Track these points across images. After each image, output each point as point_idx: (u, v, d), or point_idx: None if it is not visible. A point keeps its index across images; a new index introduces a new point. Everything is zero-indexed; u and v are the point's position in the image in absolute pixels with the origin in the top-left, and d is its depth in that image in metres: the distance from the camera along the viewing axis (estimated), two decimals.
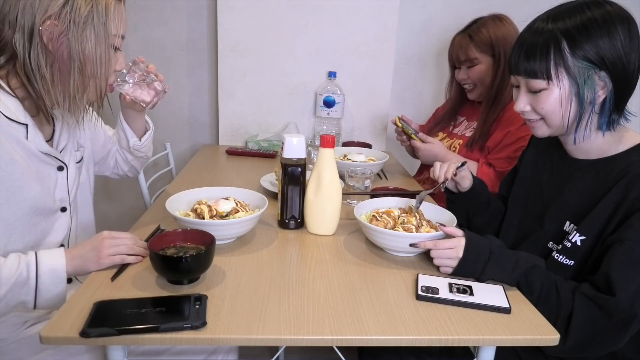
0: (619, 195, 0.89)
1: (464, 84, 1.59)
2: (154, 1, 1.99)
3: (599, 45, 0.87)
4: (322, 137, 1.07)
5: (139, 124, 1.25)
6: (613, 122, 0.93)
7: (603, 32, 0.87)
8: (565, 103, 0.92)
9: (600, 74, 0.89)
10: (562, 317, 0.85)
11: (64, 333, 0.69)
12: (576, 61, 0.89)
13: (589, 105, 0.91)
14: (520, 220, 1.10)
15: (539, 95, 0.94)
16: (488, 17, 1.51)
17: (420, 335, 0.74)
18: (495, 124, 1.51)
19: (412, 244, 0.95)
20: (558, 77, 0.91)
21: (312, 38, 1.94)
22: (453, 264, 0.91)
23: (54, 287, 0.87)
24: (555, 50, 0.89)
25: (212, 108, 2.15)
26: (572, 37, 0.89)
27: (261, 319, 0.76)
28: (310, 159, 1.69)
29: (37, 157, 0.95)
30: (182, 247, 0.90)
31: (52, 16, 0.88)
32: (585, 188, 0.96)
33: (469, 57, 1.51)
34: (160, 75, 1.15)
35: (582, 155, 0.99)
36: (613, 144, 0.95)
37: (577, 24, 0.89)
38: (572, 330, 0.84)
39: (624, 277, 0.82)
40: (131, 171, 1.36)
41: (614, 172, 0.92)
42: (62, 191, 1.03)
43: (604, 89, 0.90)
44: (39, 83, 0.90)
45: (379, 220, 1.03)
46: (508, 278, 0.88)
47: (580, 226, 0.93)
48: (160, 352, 1.02)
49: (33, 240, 0.96)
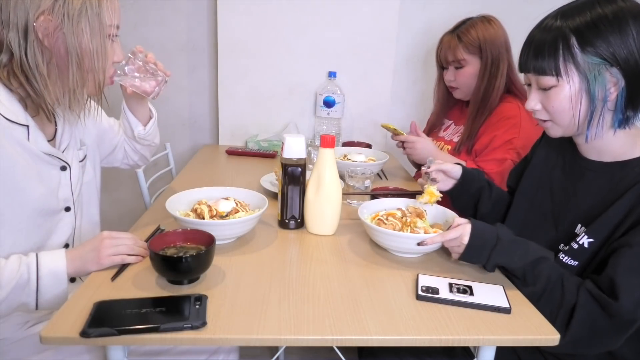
0: (631, 201, 0.88)
1: (449, 85, 1.59)
2: (154, 1, 1.99)
3: (610, 41, 0.86)
4: (322, 137, 1.07)
5: (142, 113, 1.24)
6: (628, 120, 0.91)
7: (614, 28, 0.86)
8: (576, 100, 0.91)
9: (611, 71, 0.87)
10: (564, 310, 0.85)
11: (64, 333, 0.69)
12: (586, 57, 0.88)
13: (600, 102, 0.90)
14: (525, 215, 1.09)
15: (549, 93, 0.93)
16: (477, 18, 1.51)
17: (421, 335, 0.74)
18: (482, 128, 1.50)
19: (420, 243, 0.95)
20: (568, 74, 0.89)
21: (312, 38, 1.94)
22: (460, 250, 0.92)
23: (55, 288, 0.87)
24: (564, 47, 0.88)
25: (212, 108, 2.15)
26: (581, 33, 0.87)
27: (261, 319, 0.76)
28: (310, 159, 1.69)
29: (39, 158, 0.95)
30: (182, 247, 0.90)
31: (45, 11, 0.87)
32: (598, 191, 0.95)
33: (456, 58, 1.50)
34: (160, 63, 1.14)
35: (594, 155, 0.98)
36: (629, 147, 0.93)
37: (587, 20, 0.88)
38: (572, 325, 0.83)
39: (629, 282, 0.81)
40: (141, 160, 1.36)
41: (628, 178, 0.91)
42: (66, 191, 1.03)
43: (615, 86, 0.89)
44: (38, 81, 0.90)
45: (387, 223, 1.03)
46: (514, 264, 0.88)
47: (590, 229, 0.92)
48: (162, 353, 1.02)
49: (38, 241, 0.96)
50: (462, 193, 1.19)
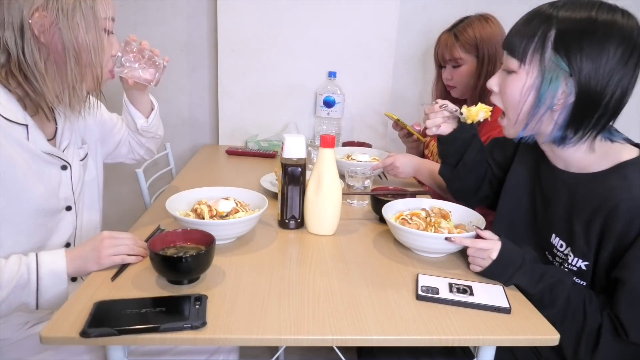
0: (601, 226, 0.86)
1: (446, 83, 1.59)
2: (154, 1, 1.99)
3: (583, 52, 0.81)
4: (322, 137, 1.07)
5: (144, 104, 1.24)
6: (564, 140, 0.87)
7: (595, 40, 0.81)
8: (524, 94, 0.87)
9: (568, 81, 0.83)
10: (588, 332, 0.84)
11: (64, 333, 0.69)
12: (553, 55, 0.83)
13: (545, 107, 0.86)
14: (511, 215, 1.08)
15: (508, 78, 0.90)
16: (475, 16, 1.50)
17: (420, 335, 0.74)
18: (478, 127, 1.50)
19: (448, 238, 0.95)
20: (531, 64, 0.86)
21: (312, 38, 1.94)
22: (485, 263, 0.91)
23: (55, 288, 0.87)
24: (540, 35, 0.84)
25: (212, 108, 2.15)
26: (562, 29, 0.83)
27: (261, 319, 0.76)
28: (310, 159, 1.69)
29: (39, 157, 0.95)
30: (182, 247, 0.90)
31: (39, 8, 0.87)
32: (567, 200, 0.93)
33: (453, 56, 1.50)
34: (156, 49, 1.14)
35: (561, 165, 0.95)
36: (593, 160, 0.89)
37: (575, 19, 0.83)
38: (601, 347, 0.83)
39: (633, 317, 0.81)
40: (147, 154, 1.37)
41: (592, 194, 0.88)
42: (67, 190, 1.03)
43: (563, 98, 0.84)
44: (37, 79, 0.90)
45: (411, 223, 1.04)
46: (533, 289, 0.87)
47: (576, 252, 0.90)
48: (162, 353, 1.02)
49: (39, 240, 0.96)
50: (456, 138, 1.16)
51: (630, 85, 0.83)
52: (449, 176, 1.23)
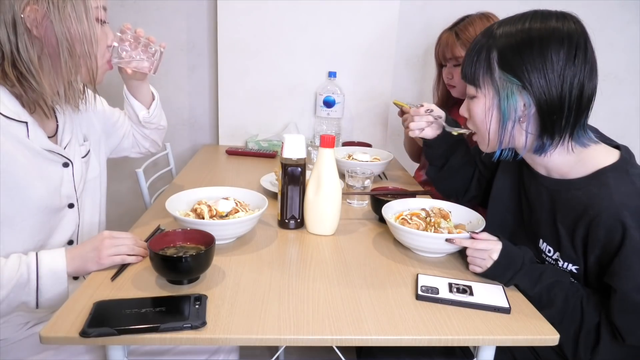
0: (585, 232, 0.86)
1: (447, 82, 1.59)
2: (154, 1, 1.99)
3: (527, 64, 0.83)
4: (322, 137, 1.07)
5: (144, 94, 1.24)
6: (544, 147, 0.89)
7: (534, 50, 0.83)
8: (487, 114, 0.91)
9: (523, 93, 0.86)
10: (586, 330, 0.84)
11: (63, 333, 0.69)
12: (501, 73, 0.87)
13: (511, 121, 0.88)
14: (502, 219, 1.09)
15: (472, 102, 0.94)
16: (476, 15, 1.50)
17: (420, 335, 0.74)
18: None
19: (449, 240, 0.95)
20: (485, 86, 0.90)
21: (312, 38, 1.94)
22: (486, 264, 0.90)
23: (55, 287, 0.87)
24: (484, 58, 0.88)
25: (212, 108, 2.15)
26: (501, 48, 0.86)
27: (261, 319, 0.76)
28: (310, 159, 1.69)
29: (40, 155, 0.95)
30: (182, 247, 0.90)
31: (30, 2, 0.87)
32: (550, 206, 0.94)
33: (454, 55, 1.50)
34: (152, 37, 1.14)
35: (543, 171, 0.96)
36: (572, 166, 0.90)
37: (511, 34, 0.86)
38: (601, 347, 0.83)
39: (628, 323, 0.81)
40: (153, 146, 1.37)
41: (574, 201, 0.88)
42: (69, 188, 1.03)
43: (526, 109, 0.86)
44: (33, 76, 0.89)
45: (411, 222, 1.04)
46: (531, 291, 0.88)
47: (565, 256, 0.91)
48: (162, 352, 1.02)
49: (42, 238, 0.96)
50: (441, 143, 1.19)
51: (586, 80, 0.84)
52: (435, 177, 1.24)
